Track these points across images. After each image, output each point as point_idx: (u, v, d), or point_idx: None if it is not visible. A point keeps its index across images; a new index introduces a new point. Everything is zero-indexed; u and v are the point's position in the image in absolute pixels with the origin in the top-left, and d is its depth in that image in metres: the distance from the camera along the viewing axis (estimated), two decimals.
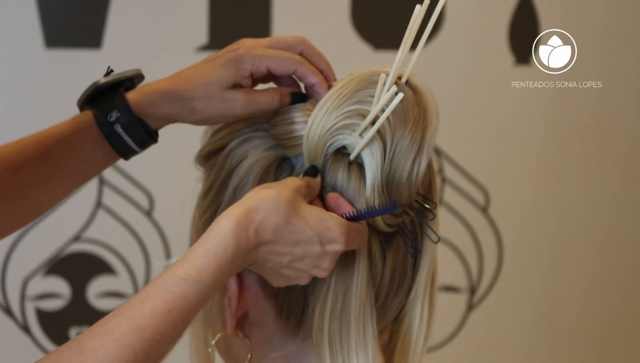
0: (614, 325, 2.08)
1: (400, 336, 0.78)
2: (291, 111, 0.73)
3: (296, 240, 0.65)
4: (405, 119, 0.70)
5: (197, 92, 0.77)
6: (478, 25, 1.89)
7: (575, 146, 1.98)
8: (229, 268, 0.62)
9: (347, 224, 0.67)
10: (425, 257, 0.76)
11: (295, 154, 0.73)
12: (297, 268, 0.67)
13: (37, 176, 0.81)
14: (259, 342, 0.75)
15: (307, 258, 0.66)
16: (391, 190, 0.70)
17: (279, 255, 0.65)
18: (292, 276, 0.67)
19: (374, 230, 0.72)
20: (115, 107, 0.79)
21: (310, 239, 0.65)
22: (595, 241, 2.03)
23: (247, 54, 0.76)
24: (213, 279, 0.61)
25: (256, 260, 0.65)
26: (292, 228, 0.65)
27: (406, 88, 0.71)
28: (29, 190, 0.82)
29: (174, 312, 0.59)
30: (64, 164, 0.82)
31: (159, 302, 0.60)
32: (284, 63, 0.76)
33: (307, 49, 0.78)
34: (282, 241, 0.65)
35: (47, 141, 0.81)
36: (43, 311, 1.76)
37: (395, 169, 0.70)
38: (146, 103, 0.80)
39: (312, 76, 0.76)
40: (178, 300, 0.60)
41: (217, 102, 0.77)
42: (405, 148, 0.70)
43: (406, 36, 0.70)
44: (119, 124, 0.79)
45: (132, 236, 1.76)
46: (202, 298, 0.61)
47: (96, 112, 0.80)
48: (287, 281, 0.68)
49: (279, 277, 0.68)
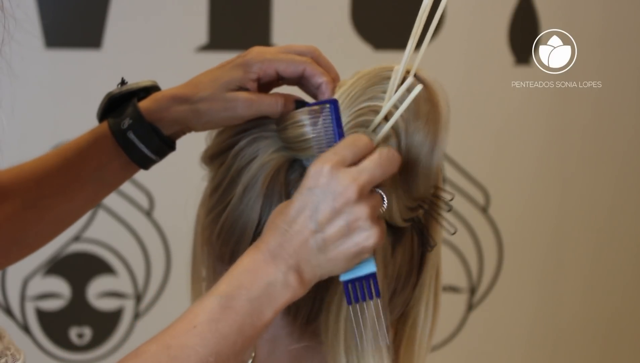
0: (614, 325, 2.07)
1: (406, 331, 0.78)
2: (300, 113, 0.73)
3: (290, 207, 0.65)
4: (417, 113, 0.70)
5: (202, 94, 0.78)
6: (478, 25, 1.89)
7: (575, 146, 1.98)
8: (248, 276, 0.64)
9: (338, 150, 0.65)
10: (430, 254, 0.76)
11: (307, 157, 0.73)
12: (334, 228, 0.64)
13: (57, 186, 0.84)
14: (264, 340, 0.75)
15: (319, 205, 0.64)
16: (408, 184, 0.71)
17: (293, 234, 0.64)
18: (342, 240, 0.64)
19: (388, 227, 0.71)
20: (128, 115, 0.80)
21: (302, 194, 0.65)
22: (594, 240, 2.03)
23: (256, 58, 0.77)
24: (231, 288, 0.64)
25: (290, 255, 0.64)
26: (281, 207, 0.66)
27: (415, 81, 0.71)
28: (50, 200, 0.85)
29: (199, 327, 0.62)
30: (82, 174, 0.84)
31: (185, 320, 0.63)
32: (292, 65, 0.76)
33: (317, 57, 0.78)
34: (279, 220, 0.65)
35: (67, 152, 0.84)
36: (43, 311, 1.75)
37: (412, 164, 0.70)
38: (156, 109, 0.80)
39: (319, 75, 0.75)
40: (199, 315, 0.63)
41: (221, 103, 0.77)
42: (421, 142, 0.70)
43: (415, 28, 0.70)
44: (132, 131, 0.80)
45: (132, 236, 1.76)
46: (225, 307, 0.63)
47: (110, 122, 0.82)
48: (349, 258, 0.65)
49: (340, 256, 0.65)
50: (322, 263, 0.65)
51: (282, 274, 0.64)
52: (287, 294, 0.64)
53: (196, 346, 0.62)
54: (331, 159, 0.64)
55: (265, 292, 0.64)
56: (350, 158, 0.65)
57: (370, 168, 0.64)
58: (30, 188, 0.84)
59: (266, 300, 0.64)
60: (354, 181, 0.63)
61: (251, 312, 0.64)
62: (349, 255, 0.65)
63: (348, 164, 0.64)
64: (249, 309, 0.64)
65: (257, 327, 0.64)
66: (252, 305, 0.64)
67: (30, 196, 0.84)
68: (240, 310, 0.63)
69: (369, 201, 0.64)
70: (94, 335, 1.76)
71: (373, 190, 0.65)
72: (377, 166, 0.65)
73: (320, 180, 0.64)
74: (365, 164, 0.64)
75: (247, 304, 0.64)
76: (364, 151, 0.65)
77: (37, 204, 0.85)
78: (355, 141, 0.65)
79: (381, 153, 0.65)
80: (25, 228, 0.86)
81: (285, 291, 0.64)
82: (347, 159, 0.65)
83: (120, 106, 0.82)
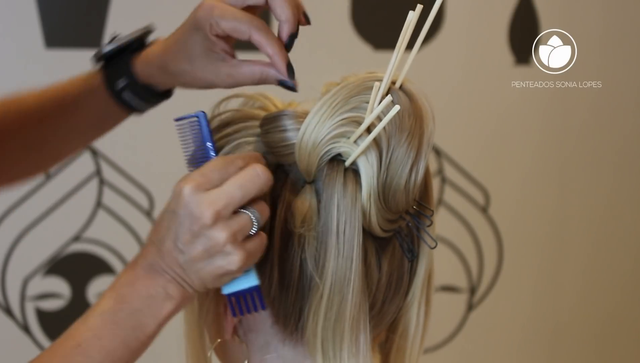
0: (613, 324, 2.08)
1: (397, 338, 0.78)
2: (283, 118, 0.72)
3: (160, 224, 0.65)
4: (401, 126, 0.69)
5: (183, 67, 0.77)
6: (478, 25, 1.89)
7: (575, 146, 1.98)
8: (129, 289, 0.65)
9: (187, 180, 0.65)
10: (422, 260, 0.76)
11: (289, 163, 0.72)
12: (196, 250, 0.64)
13: (58, 129, 0.87)
14: (256, 346, 0.75)
15: (179, 228, 0.63)
16: (388, 197, 0.70)
17: (165, 252, 0.65)
18: (206, 262, 0.64)
19: (370, 235, 0.71)
20: (122, 75, 0.81)
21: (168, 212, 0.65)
22: (594, 240, 2.03)
23: (206, 17, 0.73)
24: (112, 302, 0.64)
25: (165, 270, 0.65)
26: (157, 221, 0.66)
27: (401, 94, 0.70)
28: (51, 142, 0.89)
29: (83, 344, 0.63)
30: (81, 121, 0.87)
31: (69, 339, 0.64)
32: (238, 28, 0.72)
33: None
34: (153, 237, 0.66)
35: (63, 100, 0.86)
36: (43, 311, 1.76)
37: (392, 177, 0.69)
38: (147, 74, 0.81)
39: (267, 46, 0.71)
40: (83, 332, 0.64)
41: (202, 75, 0.76)
42: (402, 156, 0.69)
43: (399, 42, 0.69)
44: (127, 90, 0.82)
45: (132, 236, 1.76)
46: (108, 322, 0.64)
47: (105, 78, 0.83)
48: (215, 278, 0.66)
49: (207, 276, 0.65)
50: (195, 280, 0.66)
51: (161, 287, 0.65)
52: (170, 305, 0.65)
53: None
54: (195, 180, 0.64)
55: (146, 305, 0.65)
56: (217, 181, 0.64)
57: (229, 191, 0.63)
58: (30, 130, 0.87)
59: (148, 313, 0.65)
60: (211, 205, 0.63)
61: (134, 326, 0.64)
62: (216, 275, 0.65)
63: (213, 186, 0.64)
64: (132, 323, 0.64)
65: (141, 340, 0.65)
66: (135, 318, 0.64)
67: (31, 138, 0.87)
68: (124, 324, 0.64)
69: (229, 225, 0.63)
70: None
71: (239, 211, 0.64)
72: (237, 189, 0.64)
73: (180, 201, 0.64)
74: (224, 187, 0.64)
75: (130, 317, 0.64)
76: (233, 174, 0.64)
77: (39, 146, 0.89)
78: (226, 166, 0.65)
79: (244, 174, 0.64)
80: (27, 164, 0.91)
81: (167, 303, 0.65)
82: (212, 182, 0.64)
83: (112, 60, 0.83)
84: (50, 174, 1.72)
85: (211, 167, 0.65)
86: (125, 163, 1.75)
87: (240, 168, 0.65)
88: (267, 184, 0.65)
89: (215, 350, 0.78)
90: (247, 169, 0.65)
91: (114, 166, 1.74)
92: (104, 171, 1.74)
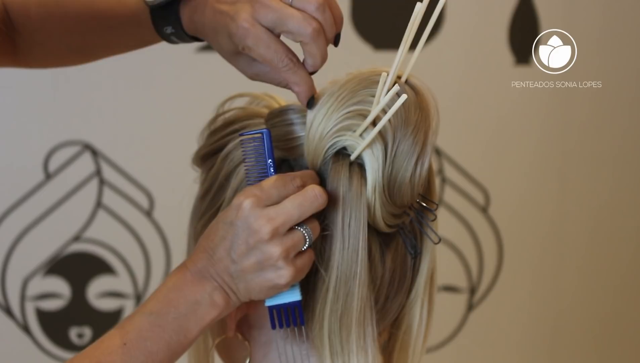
0: (613, 324, 2.08)
1: (400, 336, 0.78)
2: (289, 112, 0.73)
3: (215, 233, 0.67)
4: (407, 120, 0.69)
5: (216, 48, 0.77)
6: (478, 25, 1.89)
7: (575, 146, 1.98)
8: (177, 294, 0.67)
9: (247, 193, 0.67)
10: (425, 257, 0.76)
11: (294, 157, 0.72)
12: (249, 262, 0.66)
13: (101, 44, 0.93)
14: (259, 343, 0.75)
15: (236, 239, 0.66)
16: (393, 191, 0.70)
17: (216, 259, 0.67)
18: (256, 274, 0.67)
19: (374, 231, 0.71)
20: (170, 23, 0.82)
21: (225, 223, 0.67)
22: (594, 240, 2.03)
23: (239, 38, 0.71)
24: (160, 305, 0.67)
25: (214, 278, 0.67)
26: (207, 231, 0.68)
27: (407, 88, 0.70)
28: (93, 50, 0.95)
29: (128, 344, 0.65)
30: (123, 42, 0.92)
31: (115, 337, 0.66)
32: (267, 62, 0.71)
33: (308, 43, 0.70)
34: (206, 244, 0.68)
35: (112, 20, 0.88)
36: (43, 311, 1.75)
37: (398, 170, 0.69)
38: (194, 30, 0.81)
39: (294, 85, 0.71)
40: (130, 332, 0.66)
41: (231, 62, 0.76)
42: (408, 150, 0.69)
43: (406, 35, 0.69)
44: (174, 36, 0.83)
45: (132, 236, 1.76)
46: (153, 324, 0.66)
47: (153, 21, 0.84)
48: (263, 290, 0.68)
49: (255, 287, 0.68)
50: (242, 290, 0.68)
51: (207, 294, 0.67)
52: (214, 312, 0.67)
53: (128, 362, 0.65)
54: (255, 195, 0.66)
55: (192, 310, 0.67)
56: (275, 198, 0.67)
57: (288, 209, 0.66)
58: (75, 38, 0.91)
59: (193, 318, 0.67)
60: (269, 221, 0.65)
61: (178, 330, 0.67)
62: (264, 287, 0.67)
63: (272, 203, 0.66)
64: (176, 327, 0.66)
65: (183, 344, 0.67)
66: (179, 323, 0.66)
67: (74, 44, 0.92)
68: (168, 328, 0.66)
69: (284, 242, 0.66)
70: (94, 335, 1.76)
71: (294, 229, 0.67)
72: (295, 208, 0.66)
73: (239, 214, 0.66)
74: (284, 205, 0.66)
75: (175, 322, 0.66)
76: (292, 192, 0.67)
77: (81, 51, 0.94)
78: (285, 184, 0.67)
79: (304, 194, 0.67)
80: (69, 59, 0.97)
81: (211, 310, 0.67)
82: (271, 198, 0.67)
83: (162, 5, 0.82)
84: (50, 174, 1.72)
85: (271, 184, 0.67)
86: (125, 163, 1.75)
87: (298, 187, 0.67)
88: (323, 206, 0.68)
89: (217, 347, 0.78)
90: (307, 190, 0.67)
91: (114, 166, 1.74)
92: (104, 171, 1.74)
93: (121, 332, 0.66)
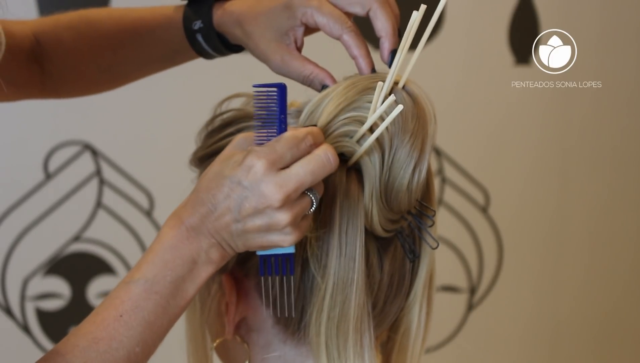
0: (613, 324, 2.08)
1: (398, 338, 0.78)
2: (287, 117, 0.72)
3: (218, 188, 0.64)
4: (404, 128, 0.69)
5: (256, 30, 0.78)
6: (478, 25, 1.89)
7: (575, 146, 1.98)
8: (173, 254, 0.64)
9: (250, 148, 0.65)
10: (424, 261, 0.76)
11: None
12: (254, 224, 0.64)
13: (131, 57, 0.92)
14: (258, 346, 0.75)
15: (243, 201, 0.63)
16: (390, 198, 0.70)
17: (216, 216, 0.65)
18: (260, 234, 0.65)
19: (372, 235, 0.71)
20: (200, 17, 0.83)
21: (232, 181, 0.64)
22: (594, 240, 2.03)
23: (302, 3, 0.74)
24: (156, 269, 0.64)
25: (211, 233, 0.65)
26: (206, 182, 0.65)
27: (404, 94, 0.70)
28: (123, 67, 0.94)
29: (125, 316, 0.63)
30: (154, 52, 0.92)
31: (111, 308, 0.64)
32: (331, 27, 0.73)
33: (376, 9, 0.73)
34: (206, 198, 0.65)
35: (141, 29, 0.90)
36: (43, 311, 1.76)
37: (395, 178, 0.69)
38: (223, 23, 0.82)
39: (354, 48, 0.73)
40: (125, 302, 0.64)
41: (264, 48, 0.77)
42: (405, 157, 0.69)
43: (403, 42, 0.69)
44: (200, 34, 0.84)
45: (132, 236, 1.76)
46: (150, 292, 0.63)
47: (185, 17, 0.85)
48: (263, 247, 0.66)
49: (255, 244, 0.66)
50: (239, 245, 0.66)
51: (204, 251, 0.65)
52: (210, 269, 0.66)
53: (122, 337, 0.63)
54: (268, 157, 0.63)
55: (188, 270, 0.65)
56: (288, 159, 0.64)
57: (300, 176, 0.63)
58: (106, 55, 0.92)
59: (189, 278, 0.65)
60: (281, 188, 0.63)
61: (175, 293, 0.65)
62: (263, 245, 0.66)
63: (284, 165, 0.64)
64: (173, 290, 0.64)
65: (181, 306, 0.65)
66: (176, 286, 0.64)
67: (105, 63, 0.93)
68: (165, 293, 0.64)
69: (293, 208, 0.64)
70: None
71: (303, 194, 0.65)
72: (307, 174, 0.64)
73: (250, 176, 0.63)
74: (297, 172, 0.63)
75: (172, 285, 0.64)
76: (304, 152, 0.64)
77: (112, 69, 0.94)
78: (297, 143, 0.64)
79: (317, 159, 0.64)
80: (99, 83, 0.97)
81: (207, 267, 0.65)
82: (284, 160, 0.64)
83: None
84: (50, 174, 1.72)
85: (283, 143, 0.64)
86: (125, 163, 1.75)
87: (310, 146, 0.65)
88: (334, 169, 0.65)
89: (216, 349, 0.78)
90: (319, 154, 0.64)
91: (114, 166, 1.74)
92: (104, 171, 1.74)
93: (116, 303, 0.64)
